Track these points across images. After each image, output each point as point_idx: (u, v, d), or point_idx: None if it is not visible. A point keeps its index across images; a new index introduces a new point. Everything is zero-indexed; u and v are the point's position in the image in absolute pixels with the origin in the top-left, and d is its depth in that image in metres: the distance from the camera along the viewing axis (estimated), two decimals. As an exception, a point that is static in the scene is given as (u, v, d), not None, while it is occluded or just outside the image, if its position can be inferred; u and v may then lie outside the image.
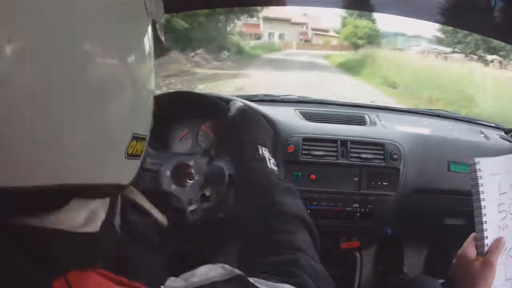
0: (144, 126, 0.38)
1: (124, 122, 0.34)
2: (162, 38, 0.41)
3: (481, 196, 0.63)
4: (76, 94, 0.29)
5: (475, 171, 0.64)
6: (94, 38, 0.30)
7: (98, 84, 0.30)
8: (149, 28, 0.38)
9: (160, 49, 0.42)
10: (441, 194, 1.12)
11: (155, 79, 0.40)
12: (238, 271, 0.37)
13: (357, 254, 1.33)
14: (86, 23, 0.29)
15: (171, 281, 0.35)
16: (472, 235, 0.67)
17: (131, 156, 0.35)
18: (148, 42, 0.37)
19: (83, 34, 0.29)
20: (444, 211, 1.16)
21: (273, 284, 0.39)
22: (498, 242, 0.63)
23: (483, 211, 0.63)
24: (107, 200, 0.38)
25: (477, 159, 0.65)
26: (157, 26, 0.40)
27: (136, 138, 0.35)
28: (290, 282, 0.41)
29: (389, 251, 1.44)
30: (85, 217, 0.34)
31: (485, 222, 0.63)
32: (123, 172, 0.36)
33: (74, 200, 0.33)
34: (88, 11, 0.30)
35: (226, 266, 0.38)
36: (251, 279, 0.38)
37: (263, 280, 0.39)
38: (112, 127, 0.33)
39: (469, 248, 0.65)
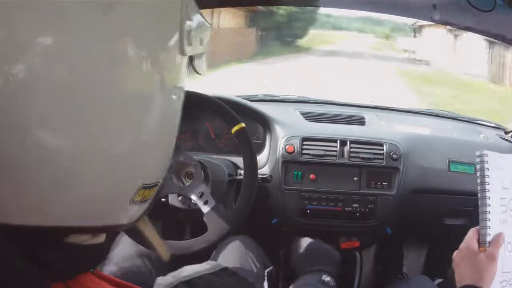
0: (161, 172, 0.34)
1: (133, 171, 0.31)
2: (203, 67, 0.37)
3: (487, 187, 0.65)
4: (114, 103, 0.27)
5: (483, 162, 0.66)
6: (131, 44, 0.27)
7: (135, 95, 0.28)
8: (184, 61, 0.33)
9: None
10: (441, 194, 1.12)
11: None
12: (223, 265, 0.38)
13: (357, 254, 1.33)
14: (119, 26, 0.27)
15: (159, 279, 0.35)
16: (472, 229, 0.68)
17: (135, 202, 0.32)
18: (182, 75, 0.34)
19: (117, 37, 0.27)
20: (444, 211, 1.16)
21: None
22: (498, 236, 0.65)
23: (488, 202, 0.65)
24: None
25: (485, 151, 0.67)
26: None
27: (145, 187, 0.32)
28: None
29: (389, 251, 1.44)
30: (91, 235, 0.33)
31: (489, 212, 0.65)
32: (126, 215, 0.33)
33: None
34: (121, 14, 0.27)
35: (212, 262, 0.38)
36: (236, 269, 0.38)
37: None
38: (121, 175, 0.30)
39: (471, 241, 0.67)
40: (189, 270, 0.36)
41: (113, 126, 0.28)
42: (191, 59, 0.35)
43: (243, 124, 0.78)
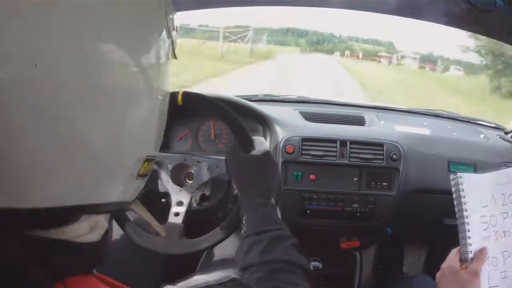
0: (157, 146, 0.39)
1: (135, 146, 0.34)
2: (175, 52, 0.41)
3: (464, 207, 0.68)
4: (93, 102, 0.28)
5: (458, 184, 0.69)
6: (111, 43, 0.29)
7: (115, 92, 0.30)
8: (166, 42, 0.37)
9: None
10: (441, 194, 1.11)
11: None
12: (232, 275, 0.38)
13: (357, 254, 1.33)
14: (100, 27, 0.29)
15: (168, 287, 0.35)
16: (454, 250, 0.70)
17: (141, 176, 0.36)
18: (165, 55, 0.37)
19: (97, 38, 0.28)
20: (444, 211, 1.16)
21: None
22: (481, 252, 0.67)
23: (466, 220, 0.68)
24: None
25: (459, 174, 0.70)
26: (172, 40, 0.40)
27: (148, 159, 0.36)
28: None
29: (389, 251, 1.45)
30: (89, 227, 0.34)
31: (468, 231, 0.68)
32: (132, 190, 0.37)
33: (83, 216, 0.33)
34: (103, 16, 0.29)
35: (220, 273, 0.38)
36: (244, 280, 0.38)
37: None
38: (128, 150, 0.33)
39: (452, 261, 0.68)
40: (197, 280, 0.36)
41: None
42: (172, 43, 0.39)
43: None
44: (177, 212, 0.74)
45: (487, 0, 0.87)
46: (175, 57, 0.41)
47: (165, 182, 0.79)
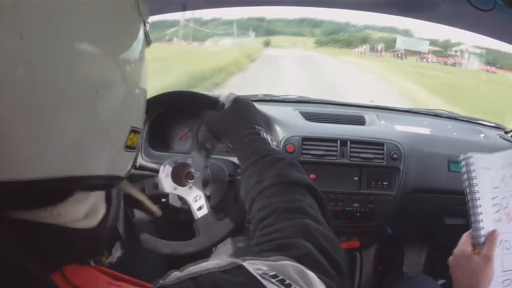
0: (139, 119, 0.39)
1: (123, 116, 0.35)
2: (149, 38, 0.42)
3: (475, 188, 0.65)
4: (69, 91, 0.29)
5: (469, 165, 0.66)
6: (84, 36, 0.30)
7: (91, 82, 0.31)
8: (141, 28, 0.39)
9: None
10: (441, 194, 1.12)
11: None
12: (237, 261, 0.37)
13: (357, 254, 1.33)
14: (75, 21, 0.30)
15: (173, 273, 0.35)
16: (466, 233, 0.68)
17: (129, 148, 0.37)
18: (140, 41, 0.38)
19: (73, 32, 0.29)
20: (444, 211, 1.16)
21: (273, 263, 0.39)
22: (492, 235, 0.65)
23: (478, 203, 0.65)
24: (103, 196, 0.38)
25: (469, 153, 0.67)
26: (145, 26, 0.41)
27: (134, 131, 0.37)
28: (292, 256, 0.41)
29: (389, 251, 1.44)
30: (85, 211, 0.34)
31: (481, 213, 0.65)
32: (121, 163, 0.37)
33: (76, 194, 0.33)
34: (77, 10, 0.30)
35: (227, 258, 0.38)
36: (249, 266, 0.37)
37: (262, 262, 0.39)
38: (112, 121, 0.34)
39: (465, 245, 0.67)
40: (201, 266, 0.36)
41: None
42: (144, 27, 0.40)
43: None
44: (200, 206, 0.75)
45: (487, 0, 0.87)
46: (148, 44, 0.41)
47: (167, 183, 0.78)
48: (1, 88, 0.26)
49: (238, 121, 0.66)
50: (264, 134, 0.64)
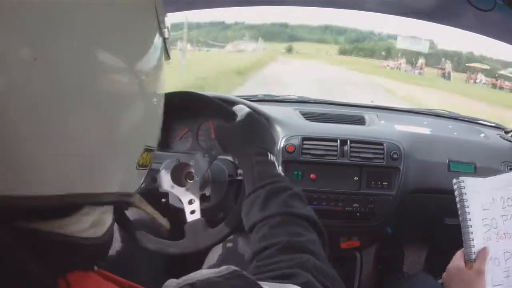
0: (154, 138, 0.39)
1: (138, 134, 0.35)
2: (169, 52, 0.42)
3: (467, 210, 0.72)
4: (88, 104, 0.29)
5: (461, 188, 0.73)
6: (105, 47, 0.30)
7: (110, 95, 0.31)
8: (159, 40, 0.38)
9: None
10: (441, 194, 1.12)
11: None
12: (234, 267, 0.37)
13: (357, 254, 1.33)
14: (96, 31, 0.29)
15: (170, 281, 0.35)
16: (459, 251, 0.74)
17: (141, 167, 0.37)
18: (158, 54, 0.38)
19: (94, 42, 0.29)
20: (444, 211, 1.16)
21: (278, 284, 0.39)
22: (482, 251, 0.70)
23: (469, 223, 0.71)
24: (111, 208, 0.38)
25: (462, 178, 0.74)
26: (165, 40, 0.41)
27: (147, 150, 0.37)
28: (296, 282, 0.41)
29: (389, 251, 1.44)
30: (91, 221, 0.34)
31: (472, 233, 0.71)
32: (133, 182, 0.37)
33: (85, 208, 0.33)
34: (98, 20, 0.30)
35: (227, 266, 0.38)
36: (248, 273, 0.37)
37: (264, 282, 0.39)
38: (127, 139, 0.34)
39: (458, 261, 0.72)
40: (199, 274, 0.36)
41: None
42: (164, 43, 0.40)
43: None
44: (193, 210, 0.75)
45: (487, 0, 0.87)
46: (168, 57, 0.41)
47: (166, 182, 0.79)
48: (16, 99, 0.25)
49: (248, 139, 0.65)
50: (272, 157, 0.63)
